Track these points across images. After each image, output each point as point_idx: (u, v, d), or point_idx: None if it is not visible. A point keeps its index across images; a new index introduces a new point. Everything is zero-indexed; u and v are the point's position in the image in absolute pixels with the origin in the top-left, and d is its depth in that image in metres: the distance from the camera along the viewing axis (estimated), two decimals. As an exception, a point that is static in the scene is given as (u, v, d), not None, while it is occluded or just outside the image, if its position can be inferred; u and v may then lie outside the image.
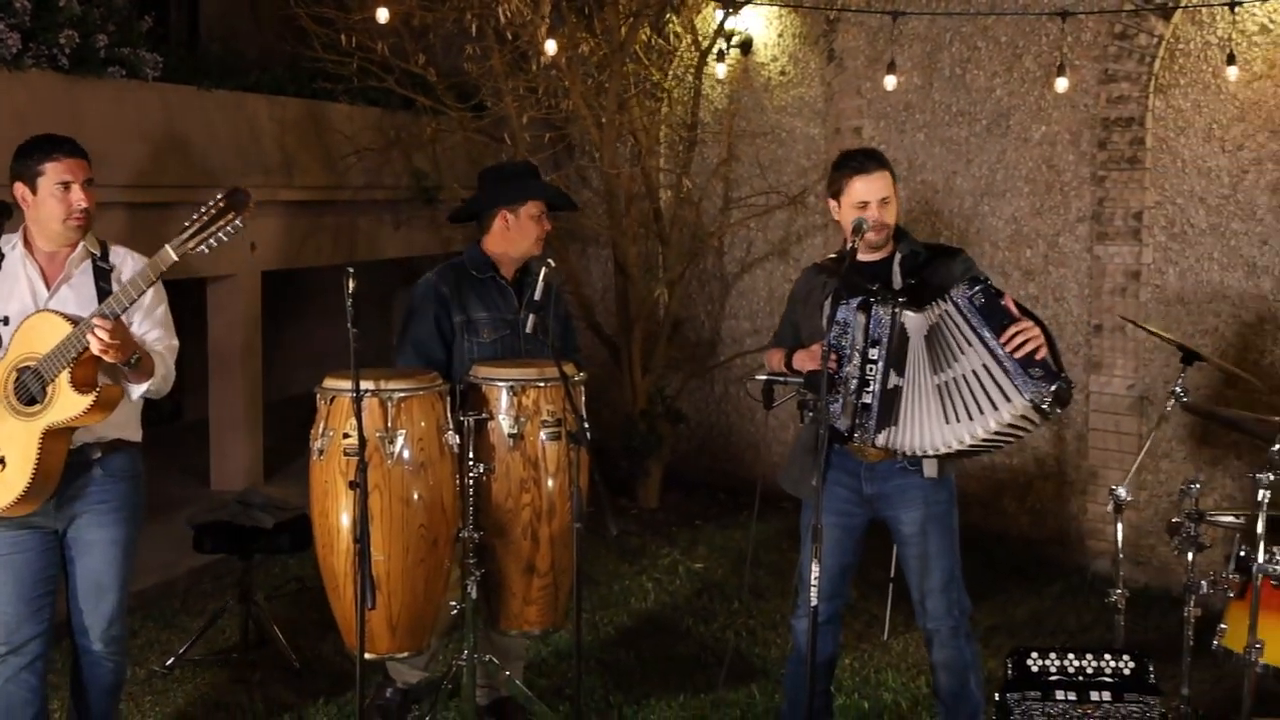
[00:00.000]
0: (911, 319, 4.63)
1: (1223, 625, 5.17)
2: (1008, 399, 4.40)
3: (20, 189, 4.57)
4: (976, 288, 4.54)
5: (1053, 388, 4.34)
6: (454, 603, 5.18)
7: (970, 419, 4.47)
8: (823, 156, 9.24)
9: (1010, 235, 8.33)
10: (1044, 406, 4.37)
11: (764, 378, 5.03)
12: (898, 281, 4.84)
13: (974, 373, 4.48)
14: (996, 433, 4.47)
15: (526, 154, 9.15)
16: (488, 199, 5.51)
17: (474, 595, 5.12)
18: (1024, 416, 4.42)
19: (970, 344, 4.50)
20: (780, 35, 9.56)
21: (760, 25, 9.62)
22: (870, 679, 6.24)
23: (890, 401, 4.63)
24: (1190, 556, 5.20)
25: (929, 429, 4.55)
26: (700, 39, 9.45)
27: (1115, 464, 7.79)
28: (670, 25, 9.48)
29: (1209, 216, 7.42)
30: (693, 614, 7.08)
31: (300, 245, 9.80)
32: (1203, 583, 5.19)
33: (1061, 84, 7.60)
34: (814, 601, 4.45)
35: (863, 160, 4.88)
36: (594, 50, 8.95)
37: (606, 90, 8.95)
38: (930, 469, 4.78)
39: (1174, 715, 5.28)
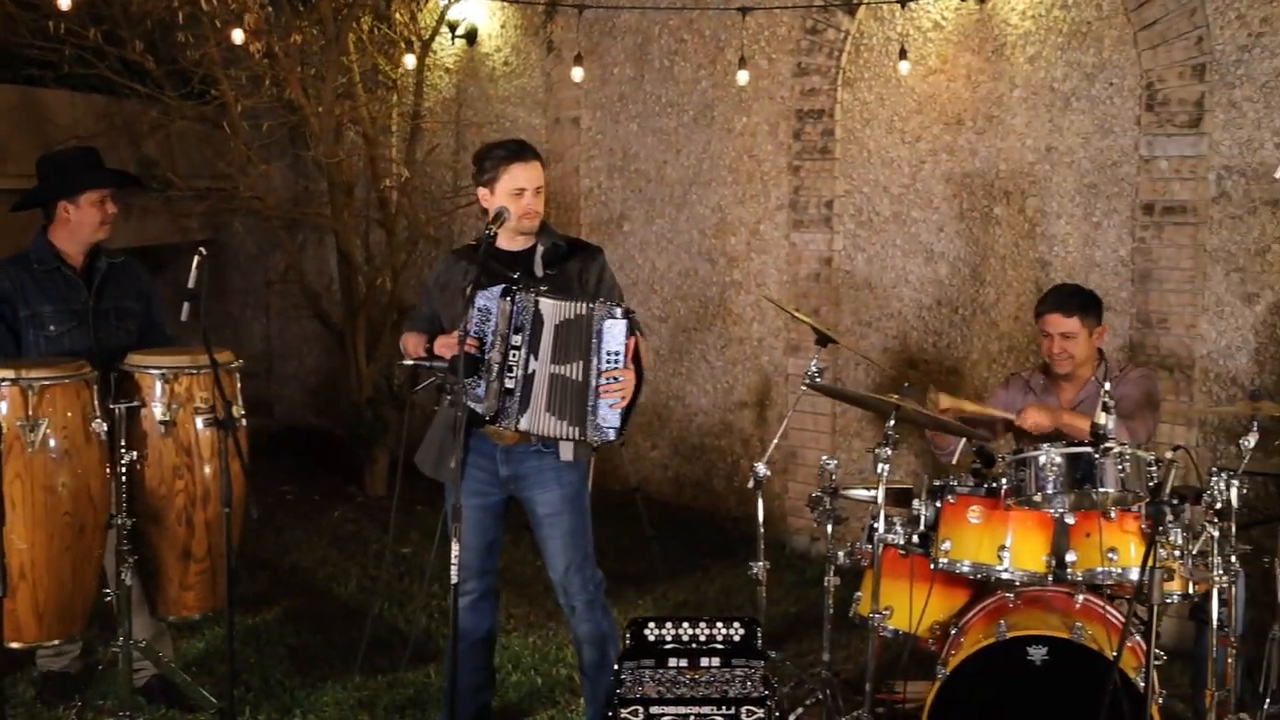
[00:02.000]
0: (548, 305, 4.78)
1: (858, 594, 5.46)
2: (577, 422, 4.74)
3: None
4: (621, 316, 4.75)
5: (605, 440, 4.77)
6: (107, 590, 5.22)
7: (558, 418, 4.76)
8: (544, 146, 9.39)
9: (716, 223, 8.59)
10: (595, 446, 4.90)
11: (410, 362, 5.15)
12: (539, 271, 5.00)
13: (573, 380, 4.73)
14: (570, 440, 4.85)
15: (246, 142, 9.14)
16: (47, 191, 5.52)
17: (129, 581, 5.16)
18: (575, 441, 4.85)
19: (583, 355, 4.74)
20: (503, 26, 9.69)
21: (484, 16, 9.74)
22: (550, 655, 6.42)
23: (529, 386, 4.78)
24: (829, 529, 5.46)
25: (542, 414, 4.74)
26: (423, 30, 9.53)
27: (813, 444, 8.09)
28: (398, 14, 9.54)
29: (892, 205, 7.75)
30: (390, 598, 7.17)
31: (19, 235, 9.57)
32: (840, 554, 5.47)
33: (742, 77, 7.87)
34: (455, 579, 4.63)
35: (518, 149, 5.02)
36: (312, 40, 8.96)
37: (325, 80, 8.97)
38: (566, 452, 4.96)
39: (816, 681, 5.56)
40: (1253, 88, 6.39)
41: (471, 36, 9.84)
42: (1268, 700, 5.24)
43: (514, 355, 4.77)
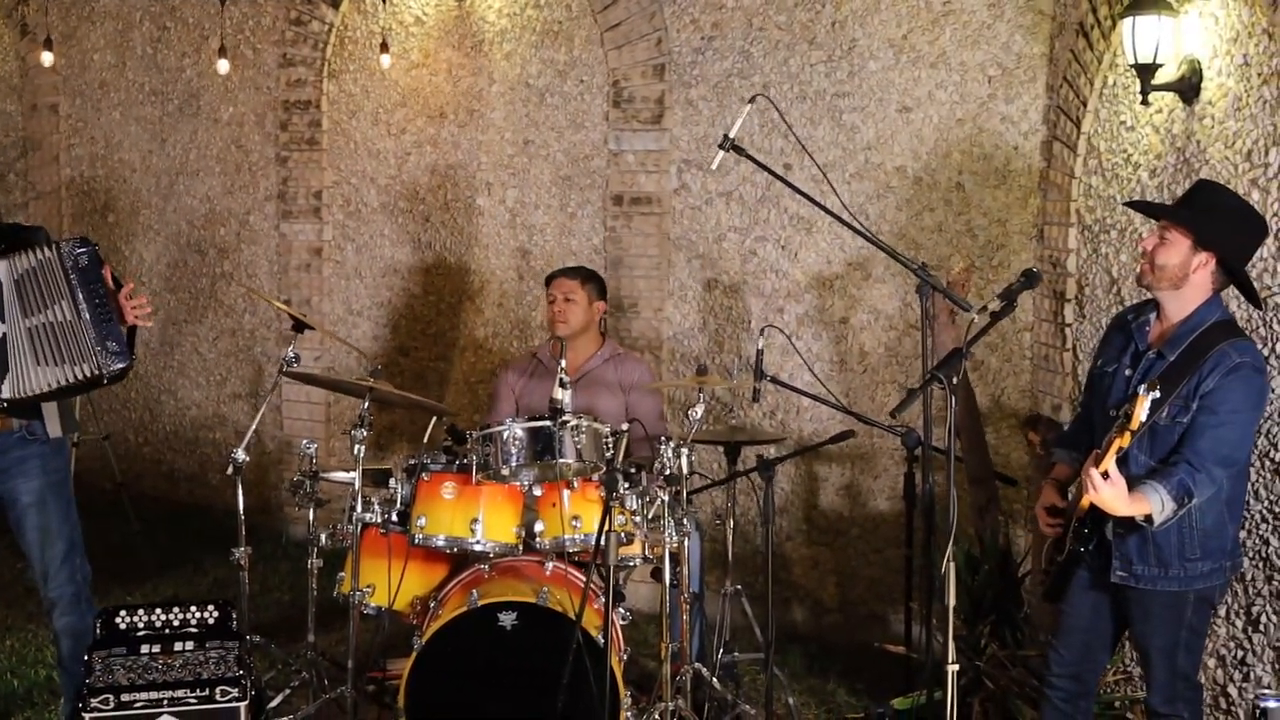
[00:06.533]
0: (3, 266, 4.69)
1: (341, 574, 5.54)
2: (83, 358, 4.68)
3: None
4: (83, 250, 4.72)
5: (119, 366, 4.72)
6: None
7: (57, 364, 4.69)
8: (21, 134, 9.06)
9: (205, 214, 8.51)
10: (105, 379, 4.74)
11: None
12: None
13: (61, 324, 4.68)
14: (81, 381, 4.74)
15: None
16: None
17: None
18: (91, 378, 4.72)
19: (64, 297, 4.68)
20: (-27, 7, 9.25)
21: (-49, -4, 9.27)
22: (29, 658, 6.23)
23: (1, 351, 4.68)
24: (311, 513, 5.54)
25: (28, 371, 4.68)
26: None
27: (307, 433, 8.12)
28: None
29: (380, 195, 7.90)
30: None
31: None
32: (323, 536, 5.55)
33: (223, 66, 7.84)
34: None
35: None
36: None
37: None
38: (53, 427, 4.86)
39: (302, 663, 5.62)
40: (706, 87, 6.89)
41: (-62, 17, 9.34)
42: (720, 650, 5.70)
43: None
